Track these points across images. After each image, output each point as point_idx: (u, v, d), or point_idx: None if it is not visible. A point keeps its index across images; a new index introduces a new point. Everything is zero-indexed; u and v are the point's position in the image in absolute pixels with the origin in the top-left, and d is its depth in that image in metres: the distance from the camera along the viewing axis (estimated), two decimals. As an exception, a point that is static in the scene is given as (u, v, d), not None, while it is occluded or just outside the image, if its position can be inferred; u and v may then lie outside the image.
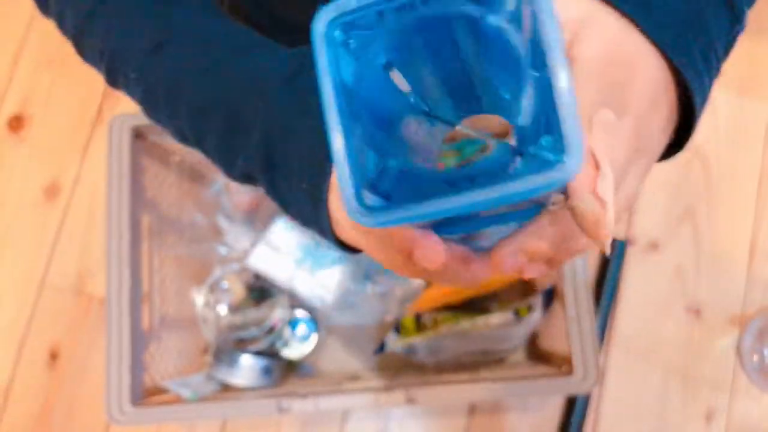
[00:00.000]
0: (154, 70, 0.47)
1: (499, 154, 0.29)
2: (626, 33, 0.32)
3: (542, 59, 0.24)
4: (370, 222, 0.25)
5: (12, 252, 1.09)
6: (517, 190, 0.23)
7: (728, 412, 0.98)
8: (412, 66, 0.29)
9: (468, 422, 0.98)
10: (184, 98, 0.46)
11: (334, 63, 0.26)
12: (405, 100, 0.30)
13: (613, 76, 0.31)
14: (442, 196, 0.24)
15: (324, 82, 0.26)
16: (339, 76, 0.27)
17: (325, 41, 0.26)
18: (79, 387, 1.04)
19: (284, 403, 0.76)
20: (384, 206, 0.25)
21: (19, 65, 1.16)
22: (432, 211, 0.24)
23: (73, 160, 1.12)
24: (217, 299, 0.97)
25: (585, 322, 0.77)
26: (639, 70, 0.32)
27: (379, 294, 0.90)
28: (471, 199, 0.23)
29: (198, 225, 0.96)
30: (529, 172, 0.23)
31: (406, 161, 0.28)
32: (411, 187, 0.27)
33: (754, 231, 1.04)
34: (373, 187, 0.26)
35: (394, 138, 0.29)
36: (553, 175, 0.23)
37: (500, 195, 0.23)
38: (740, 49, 1.15)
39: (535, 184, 0.23)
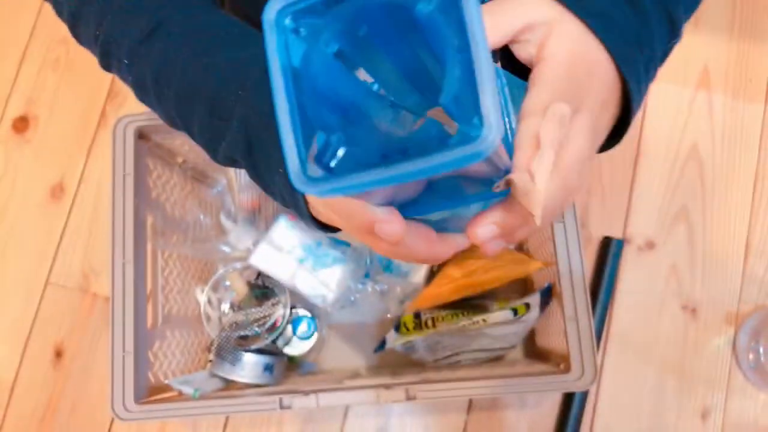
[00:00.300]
0: (144, 56, 0.48)
1: (428, 129, 0.31)
2: (587, 40, 0.35)
3: (466, 42, 0.25)
4: (310, 190, 0.27)
5: (17, 251, 1.10)
6: (439, 161, 0.25)
7: (724, 410, 0.99)
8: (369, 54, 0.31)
9: (467, 419, 0.99)
10: (172, 85, 0.47)
11: (283, 48, 0.28)
12: (360, 86, 0.32)
13: (575, 77, 0.34)
14: (376, 168, 0.26)
15: (272, 65, 0.28)
16: (288, 60, 0.28)
17: (275, 28, 0.28)
18: (84, 384, 1.04)
19: (286, 399, 0.76)
20: (323, 177, 0.27)
21: (24, 67, 1.17)
22: (365, 180, 0.26)
23: (78, 161, 1.13)
24: (219, 298, 0.98)
25: (582, 321, 0.77)
26: (596, 74, 0.35)
27: (380, 293, 0.91)
28: (398, 171, 0.26)
29: (201, 224, 0.96)
30: (453, 147, 0.25)
31: (352, 140, 0.29)
32: (353, 162, 0.29)
33: (749, 230, 1.04)
34: (320, 161, 0.28)
35: (349, 119, 0.31)
36: (469, 149, 0.25)
37: (424, 167, 0.25)
38: (735, 51, 1.16)
39: (453, 156, 0.25)
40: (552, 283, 0.85)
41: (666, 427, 0.99)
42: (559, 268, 0.79)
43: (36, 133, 1.14)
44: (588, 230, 1.05)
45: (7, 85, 1.16)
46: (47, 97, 1.16)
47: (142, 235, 0.82)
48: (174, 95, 0.47)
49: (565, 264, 0.79)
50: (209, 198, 1.01)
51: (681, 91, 1.10)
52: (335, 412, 1.00)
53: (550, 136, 0.31)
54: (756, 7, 1.12)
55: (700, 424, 0.99)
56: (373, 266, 0.91)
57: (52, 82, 1.16)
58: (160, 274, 0.87)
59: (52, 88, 1.16)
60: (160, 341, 0.85)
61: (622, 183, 1.07)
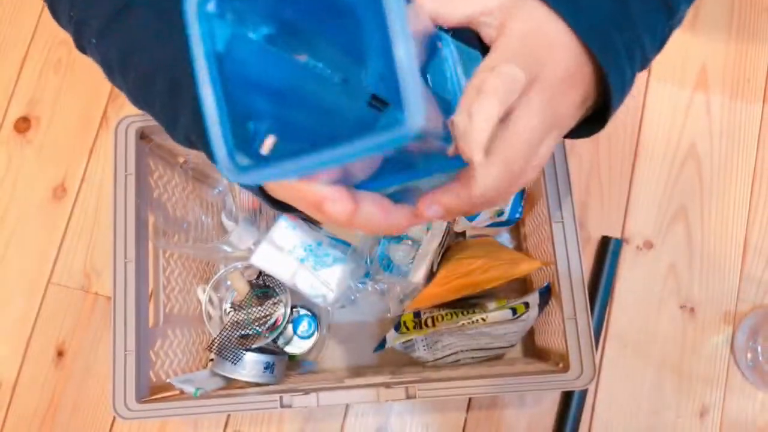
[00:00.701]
0: (111, 36, 0.48)
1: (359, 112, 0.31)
2: (549, 20, 0.35)
3: (386, 30, 0.25)
4: (239, 179, 0.27)
5: (19, 251, 1.10)
6: (364, 146, 0.25)
7: (722, 409, 0.99)
8: (297, 37, 0.31)
9: (466, 417, 1.00)
10: (135, 64, 0.47)
11: (207, 35, 0.28)
12: (293, 68, 0.31)
13: (531, 49, 0.34)
14: (302, 154, 0.26)
15: (196, 53, 0.27)
16: (212, 47, 0.28)
17: (197, 14, 0.27)
18: (85, 383, 1.05)
19: (286, 398, 0.76)
20: (252, 165, 0.27)
21: (26, 68, 1.17)
22: (292, 167, 0.26)
23: (80, 161, 1.13)
24: (221, 297, 0.99)
25: (581, 320, 0.78)
26: (556, 50, 0.35)
27: (380, 292, 0.91)
28: (324, 157, 0.26)
29: (202, 224, 0.97)
30: (378, 130, 0.25)
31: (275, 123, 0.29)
32: (284, 148, 0.29)
33: (747, 229, 1.05)
34: (248, 149, 0.28)
35: (280, 105, 0.31)
36: (392, 134, 0.25)
37: (349, 152, 0.25)
38: (734, 50, 1.16)
39: (377, 140, 0.25)
40: (551, 283, 0.85)
41: (664, 425, 0.99)
42: (558, 268, 0.79)
43: (38, 133, 1.14)
44: (586, 230, 1.06)
45: (8, 86, 1.16)
46: (49, 97, 1.16)
47: (143, 235, 0.82)
48: (135, 73, 0.47)
49: (563, 263, 0.79)
50: (210, 198, 1.01)
51: (679, 90, 1.10)
52: (335, 410, 1.00)
53: (494, 85, 0.31)
54: (754, 7, 1.12)
55: (698, 422, 0.99)
56: (373, 266, 0.91)
57: (54, 83, 1.16)
58: (161, 273, 0.88)
59: (54, 88, 1.16)
60: (162, 340, 0.85)
61: (621, 183, 1.07)
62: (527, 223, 0.99)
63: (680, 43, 1.11)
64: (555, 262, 0.80)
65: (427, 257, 0.89)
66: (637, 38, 0.38)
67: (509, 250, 0.95)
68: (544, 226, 0.84)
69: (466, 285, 0.85)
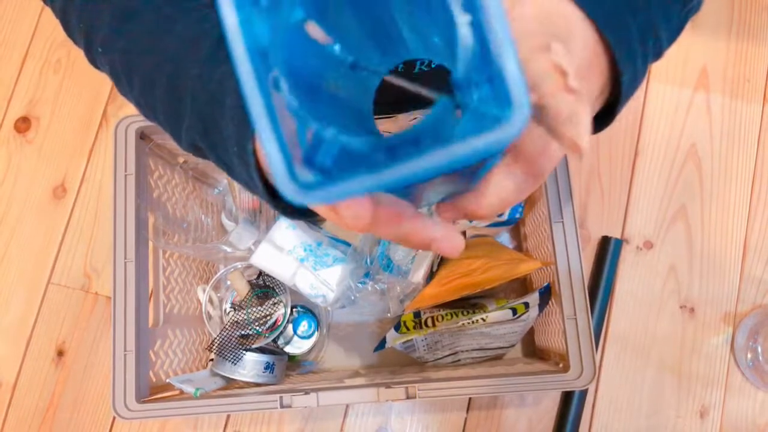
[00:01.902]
0: (115, 43, 0.47)
1: (440, 109, 0.26)
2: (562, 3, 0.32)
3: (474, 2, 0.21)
4: (305, 200, 0.22)
5: (19, 251, 1.10)
6: (464, 153, 0.20)
7: (722, 409, 0.99)
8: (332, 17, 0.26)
9: (466, 417, 1.00)
10: (138, 70, 0.46)
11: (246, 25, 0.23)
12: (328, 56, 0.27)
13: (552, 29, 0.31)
14: (384, 167, 0.21)
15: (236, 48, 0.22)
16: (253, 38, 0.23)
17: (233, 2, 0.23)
18: (85, 383, 1.05)
19: (286, 398, 0.76)
20: (320, 182, 0.22)
21: (26, 68, 1.17)
22: (373, 184, 0.21)
23: (80, 161, 1.13)
24: (221, 297, 0.99)
25: (581, 320, 0.78)
26: (575, 31, 0.32)
27: (380, 292, 0.91)
28: (413, 169, 0.21)
29: (202, 224, 0.97)
30: (474, 131, 0.20)
31: (341, 129, 0.25)
32: (350, 159, 0.24)
33: (747, 230, 1.05)
34: (308, 160, 0.23)
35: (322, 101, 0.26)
36: (500, 134, 0.20)
37: (445, 161, 0.20)
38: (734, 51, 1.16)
39: (482, 145, 0.20)
40: (551, 283, 0.85)
41: (665, 426, 0.99)
42: (558, 268, 0.79)
43: (38, 133, 1.14)
44: (587, 230, 1.06)
45: (9, 86, 1.16)
46: (49, 97, 1.16)
47: (143, 235, 0.82)
48: (139, 79, 0.46)
49: (563, 264, 0.79)
50: (210, 198, 1.01)
51: (679, 91, 1.10)
52: (335, 410, 1.00)
53: (569, 64, 0.27)
54: (754, 7, 1.12)
55: (698, 422, 0.99)
56: (373, 266, 0.91)
57: (54, 83, 1.16)
58: (161, 273, 0.88)
59: (54, 89, 1.16)
60: (162, 340, 0.85)
61: (621, 183, 1.07)
62: (527, 223, 0.99)
63: (680, 43, 1.11)
64: (555, 262, 0.80)
65: (427, 257, 0.89)
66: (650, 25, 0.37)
67: (509, 250, 0.95)
68: (544, 226, 0.84)
69: (466, 285, 0.85)
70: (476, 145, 0.20)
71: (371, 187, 0.21)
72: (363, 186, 0.21)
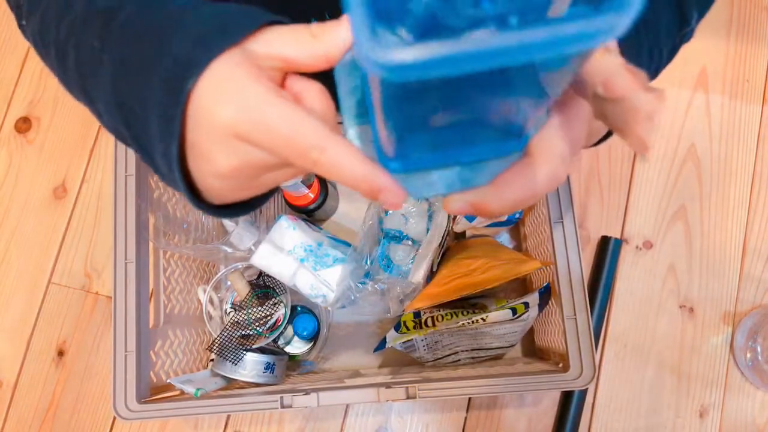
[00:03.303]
0: (35, 11, 0.43)
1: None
2: None
3: None
4: (391, 57, 0.18)
5: (20, 251, 1.10)
6: (569, 34, 0.19)
7: (722, 409, 0.99)
8: None
9: (466, 416, 1.00)
10: (51, 38, 0.41)
11: None
12: None
13: None
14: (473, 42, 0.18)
15: None
16: None
17: None
18: (86, 383, 1.05)
19: (287, 398, 0.77)
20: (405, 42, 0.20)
21: (27, 68, 1.17)
22: (467, 55, 0.18)
23: (80, 161, 1.13)
24: (221, 297, 0.99)
25: (581, 320, 0.78)
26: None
27: (380, 292, 0.91)
28: (515, 41, 0.19)
29: (203, 225, 0.97)
30: (580, 16, 0.19)
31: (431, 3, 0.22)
32: (436, 31, 0.22)
33: (746, 230, 1.05)
34: (392, 20, 0.21)
35: None
36: (612, 20, 0.19)
37: (548, 40, 0.19)
38: (733, 51, 1.16)
39: (591, 29, 0.19)
40: (550, 283, 0.85)
41: (664, 425, 0.99)
42: (558, 268, 0.80)
43: (38, 133, 1.15)
44: (586, 230, 1.06)
45: (9, 86, 1.16)
46: (49, 98, 1.16)
47: (144, 236, 0.82)
48: (54, 50, 0.41)
49: (563, 263, 0.80)
50: (210, 198, 1.01)
51: (679, 91, 1.10)
52: (335, 410, 1.00)
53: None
54: (753, 8, 1.12)
55: (698, 422, 0.99)
56: (373, 266, 0.91)
57: (54, 83, 1.16)
58: (161, 274, 0.88)
59: (54, 89, 1.16)
60: (162, 341, 0.85)
61: (621, 183, 1.07)
62: (527, 223, 0.99)
63: (680, 43, 1.11)
64: (555, 262, 0.80)
65: (427, 257, 0.89)
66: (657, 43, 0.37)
67: (509, 250, 0.95)
68: (544, 226, 0.84)
69: (466, 285, 0.85)
70: (584, 28, 0.19)
71: (463, 60, 0.19)
72: (458, 51, 0.18)
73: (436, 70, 0.19)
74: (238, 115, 0.30)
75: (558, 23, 0.18)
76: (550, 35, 0.18)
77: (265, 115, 0.29)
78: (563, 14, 0.22)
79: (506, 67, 0.19)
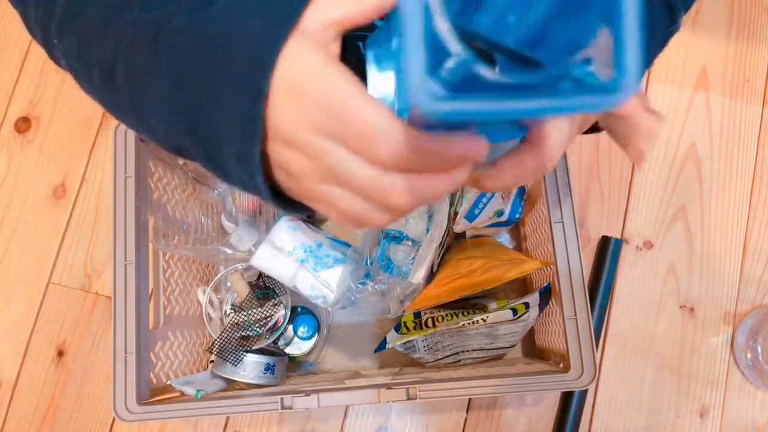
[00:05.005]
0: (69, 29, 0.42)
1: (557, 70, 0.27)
2: None
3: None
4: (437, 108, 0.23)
5: (20, 251, 1.10)
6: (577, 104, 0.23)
7: (722, 409, 0.99)
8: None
9: (466, 417, 1.00)
10: (94, 57, 0.40)
11: None
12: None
13: None
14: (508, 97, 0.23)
15: None
16: None
17: None
18: (85, 384, 1.05)
19: (287, 400, 0.77)
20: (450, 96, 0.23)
21: (27, 68, 1.17)
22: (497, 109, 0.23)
23: (80, 161, 1.13)
24: (221, 298, 0.99)
25: (581, 320, 0.78)
26: None
27: (380, 293, 0.91)
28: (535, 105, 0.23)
29: (202, 226, 0.97)
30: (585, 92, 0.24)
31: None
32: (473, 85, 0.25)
33: (746, 230, 1.05)
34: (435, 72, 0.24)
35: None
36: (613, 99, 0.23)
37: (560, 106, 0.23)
38: (733, 51, 1.16)
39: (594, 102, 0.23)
40: (551, 283, 0.85)
41: (664, 426, 0.99)
42: (558, 268, 0.80)
43: (38, 133, 1.14)
44: (586, 230, 1.06)
45: (9, 86, 1.16)
46: (49, 97, 1.16)
47: (143, 237, 0.82)
48: (98, 71, 0.40)
49: (563, 264, 0.80)
50: (210, 199, 1.01)
51: (679, 91, 1.10)
52: (335, 410, 1.00)
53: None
54: (754, 7, 1.12)
55: (698, 422, 0.99)
56: (373, 267, 0.91)
57: (54, 83, 1.16)
58: (161, 274, 0.88)
59: (54, 89, 1.16)
60: (162, 342, 0.85)
61: (621, 183, 1.07)
62: (527, 224, 0.99)
63: (680, 43, 1.11)
64: (555, 262, 0.80)
65: (427, 258, 0.89)
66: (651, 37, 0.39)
67: (509, 251, 0.95)
68: (544, 227, 0.84)
69: (466, 285, 0.85)
70: (589, 102, 0.23)
71: (493, 113, 0.23)
72: (488, 108, 0.23)
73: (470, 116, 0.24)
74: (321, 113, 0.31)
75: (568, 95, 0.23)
76: (560, 104, 0.23)
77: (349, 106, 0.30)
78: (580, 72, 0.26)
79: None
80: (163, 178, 0.89)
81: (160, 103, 0.36)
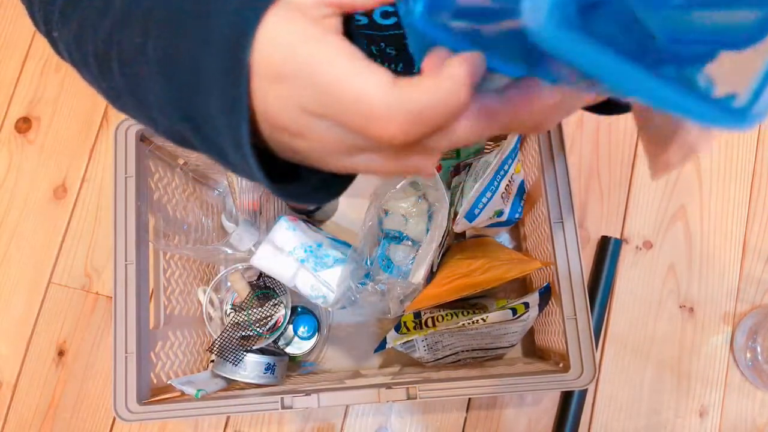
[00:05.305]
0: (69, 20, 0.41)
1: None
2: None
3: None
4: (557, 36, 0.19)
5: (20, 251, 1.10)
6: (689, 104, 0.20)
7: (722, 409, 0.99)
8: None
9: (466, 417, 1.00)
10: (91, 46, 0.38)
11: None
12: None
13: None
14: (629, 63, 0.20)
15: None
16: None
17: None
18: (86, 384, 1.05)
19: (287, 399, 0.77)
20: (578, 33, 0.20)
21: (27, 68, 1.17)
22: (613, 67, 0.20)
23: (81, 162, 1.13)
24: (221, 298, 0.99)
25: (581, 320, 0.78)
26: None
27: (380, 293, 0.91)
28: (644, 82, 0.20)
29: (203, 226, 0.97)
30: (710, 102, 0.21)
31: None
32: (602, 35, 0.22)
33: (746, 230, 1.05)
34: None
35: None
36: (737, 122, 0.21)
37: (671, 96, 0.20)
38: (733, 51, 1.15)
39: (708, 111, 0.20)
40: (550, 283, 0.85)
41: (664, 425, 0.99)
42: (558, 268, 0.80)
43: (38, 133, 1.15)
44: (586, 230, 1.06)
45: (9, 86, 1.16)
46: (50, 97, 1.16)
47: (144, 237, 0.82)
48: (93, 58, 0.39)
49: (563, 264, 0.80)
50: (211, 200, 1.01)
51: (679, 91, 1.10)
52: (335, 410, 1.01)
53: None
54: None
55: (698, 422, 0.99)
56: (373, 267, 0.92)
57: (55, 83, 1.16)
58: (162, 274, 0.88)
59: (55, 89, 1.16)
60: (162, 342, 0.85)
61: (620, 183, 1.07)
62: (527, 223, 0.99)
63: (680, 42, 1.11)
64: (555, 262, 0.80)
65: (427, 258, 0.89)
66: None
67: (509, 250, 0.95)
68: (544, 226, 0.84)
69: (466, 285, 0.85)
70: (712, 114, 0.20)
71: (606, 67, 0.20)
72: (617, 69, 0.20)
73: (585, 64, 0.19)
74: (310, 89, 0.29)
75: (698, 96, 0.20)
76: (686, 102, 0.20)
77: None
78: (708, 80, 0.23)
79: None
80: (164, 178, 0.90)
81: (154, 89, 0.34)
